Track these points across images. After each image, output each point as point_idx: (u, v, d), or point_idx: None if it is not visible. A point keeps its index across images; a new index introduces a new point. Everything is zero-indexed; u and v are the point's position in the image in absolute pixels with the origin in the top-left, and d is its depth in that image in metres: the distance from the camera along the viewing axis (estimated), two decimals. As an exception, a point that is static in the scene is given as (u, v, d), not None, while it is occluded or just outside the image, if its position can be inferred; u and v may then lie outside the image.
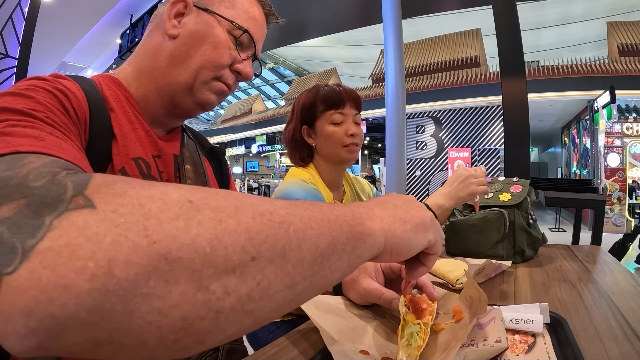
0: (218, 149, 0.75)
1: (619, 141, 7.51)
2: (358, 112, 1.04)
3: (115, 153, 0.50)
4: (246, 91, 20.62)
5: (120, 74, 0.58)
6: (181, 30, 0.55)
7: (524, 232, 0.99)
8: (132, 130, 0.54)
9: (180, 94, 0.56)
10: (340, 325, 0.48)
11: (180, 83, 0.55)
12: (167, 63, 0.55)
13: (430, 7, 4.82)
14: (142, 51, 0.58)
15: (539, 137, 13.77)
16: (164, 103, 0.57)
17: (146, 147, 0.55)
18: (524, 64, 2.30)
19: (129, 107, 0.55)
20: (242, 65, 0.59)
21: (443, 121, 9.32)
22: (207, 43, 0.55)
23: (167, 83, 0.56)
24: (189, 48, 0.55)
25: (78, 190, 0.23)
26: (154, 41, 0.57)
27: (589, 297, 0.69)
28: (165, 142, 0.59)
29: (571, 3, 8.91)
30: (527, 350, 0.44)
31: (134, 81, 0.57)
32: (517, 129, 2.26)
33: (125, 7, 7.07)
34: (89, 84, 0.52)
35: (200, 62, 0.55)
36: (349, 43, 12.46)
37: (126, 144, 0.52)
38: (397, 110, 3.16)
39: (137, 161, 0.52)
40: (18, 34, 4.94)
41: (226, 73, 0.57)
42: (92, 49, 8.31)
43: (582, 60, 8.25)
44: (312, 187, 0.96)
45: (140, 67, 0.57)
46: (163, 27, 0.56)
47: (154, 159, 0.56)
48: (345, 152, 1.02)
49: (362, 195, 1.17)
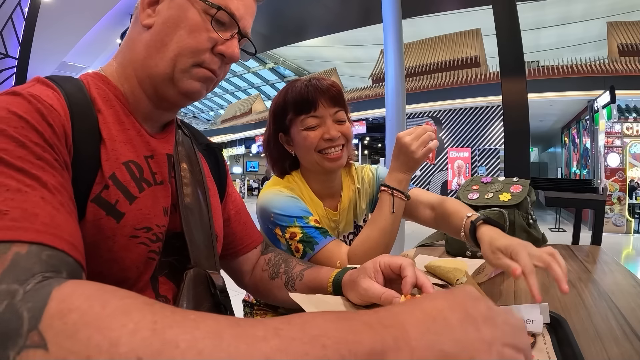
0: (214, 145, 0.73)
1: (619, 141, 7.50)
2: (339, 108, 0.88)
3: (104, 158, 0.48)
4: (246, 91, 20.62)
5: (107, 70, 0.56)
6: (155, 19, 0.53)
7: (524, 232, 0.99)
8: (122, 131, 0.52)
9: (162, 85, 0.54)
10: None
11: (159, 74, 0.53)
12: (144, 54, 0.53)
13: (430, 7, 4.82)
14: (124, 45, 0.56)
15: (539, 137, 13.78)
16: (149, 96, 0.55)
17: (137, 148, 0.53)
18: (524, 64, 2.30)
19: (118, 106, 0.53)
20: (225, 47, 0.54)
21: (443, 121, 9.32)
22: (181, 28, 0.52)
23: (147, 75, 0.54)
24: (164, 36, 0.52)
25: (33, 323, 0.24)
26: (133, 33, 0.55)
27: (589, 297, 0.69)
28: (159, 140, 0.57)
29: (571, 3, 8.91)
30: (527, 350, 0.44)
31: (120, 76, 0.55)
32: (517, 129, 2.26)
33: (125, 7, 7.06)
34: (76, 85, 0.50)
35: (177, 49, 0.52)
36: (349, 43, 12.46)
37: (115, 148, 0.50)
38: (397, 110, 3.16)
39: (128, 165, 0.50)
40: (18, 34, 4.94)
41: (207, 57, 0.54)
42: (92, 49, 8.31)
43: (582, 60, 8.25)
44: (289, 198, 0.85)
45: (122, 61, 0.55)
46: (139, 17, 0.53)
47: (147, 160, 0.54)
48: (322, 159, 0.86)
49: (361, 192, 1.01)
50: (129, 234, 0.48)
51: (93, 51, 8.46)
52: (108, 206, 0.46)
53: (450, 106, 9.12)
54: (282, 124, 0.90)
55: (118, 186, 0.48)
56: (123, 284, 0.48)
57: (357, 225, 0.99)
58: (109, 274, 0.47)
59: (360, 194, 1.00)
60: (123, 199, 0.48)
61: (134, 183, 0.50)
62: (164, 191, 0.54)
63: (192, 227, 0.57)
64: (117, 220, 0.47)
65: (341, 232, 0.97)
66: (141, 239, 0.49)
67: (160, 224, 0.52)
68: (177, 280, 0.55)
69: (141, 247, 0.49)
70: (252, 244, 0.74)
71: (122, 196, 0.48)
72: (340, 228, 0.96)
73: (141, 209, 0.49)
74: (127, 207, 0.48)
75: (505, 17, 2.35)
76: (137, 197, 0.49)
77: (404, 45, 3.34)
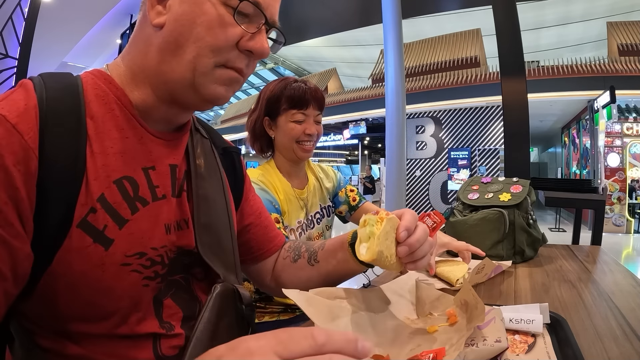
0: (232, 149, 0.66)
1: (619, 141, 7.50)
2: (320, 112, 1.08)
3: (92, 176, 0.42)
4: (246, 91, 20.62)
5: (113, 70, 0.50)
6: (167, 16, 0.46)
7: (524, 232, 0.99)
8: (120, 140, 0.46)
9: (182, 92, 0.48)
10: (332, 322, 0.48)
11: (177, 80, 0.47)
12: (158, 59, 0.47)
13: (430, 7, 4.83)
14: (132, 46, 0.50)
15: (539, 137, 13.77)
16: (166, 104, 0.50)
17: (135, 159, 0.47)
18: (524, 64, 2.30)
19: (119, 110, 0.47)
20: (253, 42, 0.47)
21: (443, 121, 9.32)
22: (197, 25, 0.45)
23: (162, 82, 0.48)
24: (178, 36, 0.45)
25: None
26: (143, 34, 0.48)
27: (589, 297, 0.69)
28: (168, 143, 0.51)
29: (571, 3, 8.91)
30: (527, 350, 0.44)
31: (129, 83, 0.49)
32: (517, 129, 2.26)
33: (125, 7, 7.06)
34: (67, 87, 0.45)
35: (195, 49, 0.45)
36: (349, 43, 12.46)
37: (107, 162, 0.44)
38: (397, 110, 3.16)
39: (120, 183, 0.44)
40: (18, 34, 4.94)
41: (232, 55, 0.47)
42: (92, 49, 8.31)
43: (582, 60, 8.24)
44: (259, 191, 0.96)
45: (132, 66, 0.49)
46: (148, 16, 0.47)
47: (146, 172, 0.48)
48: (299, 149, 1.05)
49: (327, 183, 1.20)
50: (120, 262, 0.43)
51: (93, 51, 8.45)
52: (95, 232, 0.42)
53: (450, 106, 9.11)
54: (271, 110, 1.05)
55: (107, 209, 0.43)
56: (115, 314, 0.44)
57: (321, 207, 1.17)
58: (100, 304, 0.43)
59: (322, 183, 1.19)
60: (112, 224, 0.43)
61: (126, 204, 0.45)
62: (167, 206, 0.49)
63: (210, 244, 0.53)
64: (106, 247, 0.42)
65: (309, 211, 1.12)
66: (133, 266, 0.44)
67: (159, 245, 0.47)
68: (185, 300, 0.51)
69: (133, 275, 0.44)
70: (273, 249, 0.70)
71: (111, 220, 0.43)
72: (308, 207, 1.12)
73: (133, 233, 0.44)
74: (116, 233, 0.43)
75: (505, 17, 2.35)
76: (129, 220, 0.44)
77: (404, 45, 3.34)
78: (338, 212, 1.23)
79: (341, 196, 1.22)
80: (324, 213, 1.17)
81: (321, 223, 1.14)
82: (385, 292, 0.59)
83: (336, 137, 13.43)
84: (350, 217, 1.23)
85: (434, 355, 0.41)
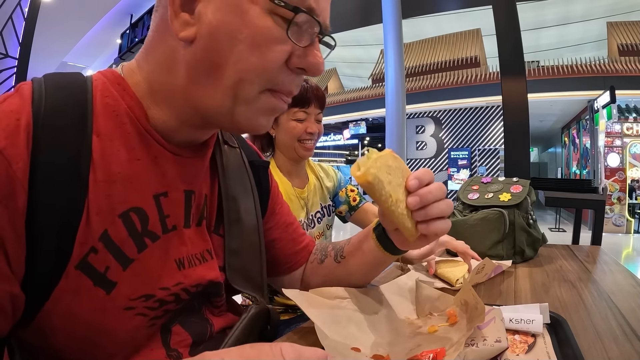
0: (260, 162, 0.59)
1: (619, 141, 7.50)
2: (321, 111, 1.09)
3: (94, 210, 0.36)
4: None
5: (129, 77, 0.42)
6: (197, 27, 0.36)
7: (524, 232, 0.99)
8: (129, 162, 0.39)
9: (216, 120, 0.41)
10: (333, 323, 0.48)
11: (212, 107, 0.39)
12: (187, 80, 0.39)
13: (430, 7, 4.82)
14: (150, 56, 0.41)
15: (539, 137, 13.77)
16: (192, 128, 0.43)
17: (147, 185, 0.40)
18: (524, 64, 2.30)
19: (130, 124, 0.40)
20: (307, 57, 0.39)
21: (443, 121, 9.32)
22: (240, 41, 0.36)
23: (192, 107, 0.40)
24: (214, 55, 0.37)
25: None
26: (165, 46, 0.39)
27: (589, 297, 0.69)
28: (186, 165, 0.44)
29: (571, 3, 8.90)
30: (527, 350, 0.44)
31: (146, 97, 0.41)
32: (517, 129, 2.26)
33: (125, 7, 7.07)
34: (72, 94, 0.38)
35: (237, 73, 0.37)
36: (349, 43, 12.45)
37: (113, 192, 0.37)
38: (397, 110, 3.16)
39: (127, 216, 0.38)
40: (18, 34, 4.94)
41: (281, 77, 0.39)
42: (92, 49, 8.31)
43: (582, 60, 8.24)
44: None
45: (151, 82, 0.41)
46: (171, 27, 0.37)
47: (157, 199, 0.41)
48: (300, 147, 1.06)
49: (327, 182, 1.19)
50: (123, 306, 0.38)
51: (93, 51, 8.46)
52: (96, 275, 0.36)
53: (450, 106, 9.11)
54: None
55: (110, 248, 0.37)
56: (117, 355, 0.39)
57: (322, 207, 1.17)
58: (101, 345, 0.38)
59: (322, 182, 1.19)
60: (115, 265, 0.37)
61: (132, 240, 0.39)
62: (177, 239, 0.43)
63: (239, 268, 0.50)
64: (107, 291, 0.37)
65: (309, 211, 1.11)
66: (138, 309, 0.39)
67: (172, 284, 0.41)
68: (194, 324, 0.45)
69: (138, 319, 0.39)
70: (301, 261, 0.64)
71: (114, 261, 0.37)
72: (309, 206, 1.11)
73: (138, 275, 0.39)
74: (119, 275, 0.37)
75: (505, 17, 2.35)
76: (134, 259, 0.39)
77: (404, 45, 3.34)
78: (338, 212, 1.23)
79: (341, 196, 1.22)
80: (324, 212, 1.17)
81: (322, 222, 1.14)
82: (385, 292, 0.59)
83: (336, 137, 13.44)
84: (350, 217, 1.23)
85: (434, 355, 0.41)
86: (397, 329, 0.51)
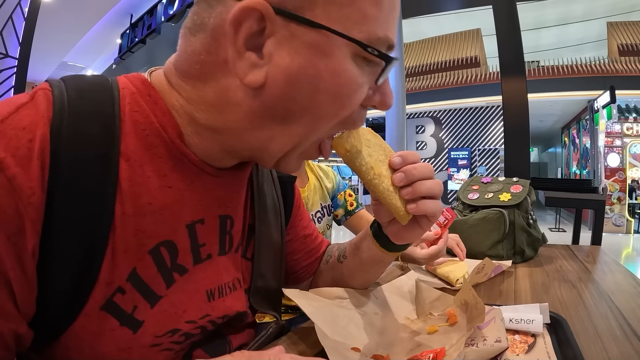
0: (287, 179, 0.56)
1: (619, 141, 7.50)
2: None
3: (121, 249, 0.32)
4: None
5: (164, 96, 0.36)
6: (266, 70, 0.31)
7: (524, 232, 0.99)
8: (160, 191, 0.35)
9: (264, 159, 0.38)
10: (333, 323, 0.48)
11: (272, 150, 0.36)
12: (248, 124, 0.34)
13: (430, 7, 4.82)
14: (195, 90, 0.35)
15: (539, 137, 13.76)
16: (235, 159, 0.40)
17: (179, 214, 0.37)
18: (524, 64, 2.30)
19: (163, 147, 0.35)
20: (380, 94, 0.36)
21: (443, 121, 9.32)
22: (321, 91, 0.32)
23: (246, 149, 0.37)
24: (290, 102, 0.32)
25: None
26: (217, 85, 0.34)
27: (589, 297, 0.69)
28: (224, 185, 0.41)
29: (571, 3, 8.90)
30: (527, 350, 0.44)
31: (186, 125, 0.36)
32: (517, 129, 2.26)
33: (125, 7, 7.06)
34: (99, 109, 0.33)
35: (313, 121, 0.34)
36: (349, 43, 12.44)
37: (142, 226, 0.34)
38: (397, 110, 3.16)
39: (157, 251, 0.35)
40: (18, 34, 4.94)
41: (353, 117, 0.36)
42: (92, 49, 8.31)
43: (582, 60, 8.24)
44: None
45: (197, 117, 0.36)
46: (232, 68, 0.32)
47: (191, 228, 0.38)
48: None
49: (327, 182, 1.20)
50: (149, 344, 0.35)
51: (93, 51, 8.46)
52: (122, 315, 0.33)
53: (450, 106, 9.11)
54: None
55: (138, 287, 0.34)
56: None
57: (322, 206, 1.17)
58: None
59: (322, 182, 1.19)
60: (143, 303, 0.35)
61: (162, 276, 0.36)
62: (211, 268, 0.41)
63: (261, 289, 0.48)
64: (134, 330, 0.34)
65: (309, 210, 1.11)
66: (164, 345, 0.37)
67: (197, 317, 0.39)
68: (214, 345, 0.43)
69: (164, 354, 0.37)
70: (312, 272, 0.63)
71: (142, 300, 0.34)
72: (309, 206, 1.11)
73: (165, 310, 0.36)
74: (147, 313, 0.35)
75: (505, 17, 2.35)
76: (162, 296, 0.36)
77: (404, 45, 3.34)
78: (334, 214, 1.23)
79: (340, 199, 1.22)
80: (324, 212, 1.17)
81: (322, 222, 1.15)
82: (385, 292, 0.59)
83: (336, 137, 13.42)
84: (345, 221, 1.24)
85: (434, 355, 0.41)
86: (397, 329, 0.51)
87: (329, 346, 0.41)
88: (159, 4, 6.25)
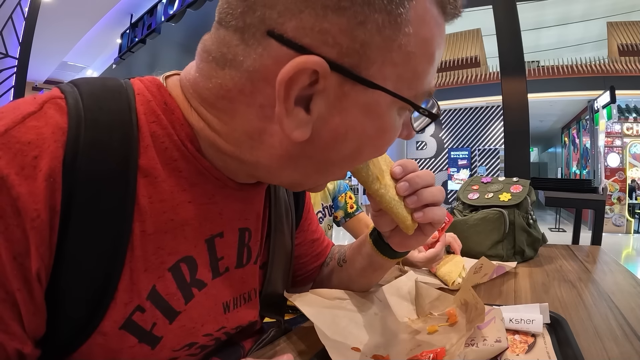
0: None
1: (619, 141, 7.50)
2: None
3: (141, 267, 0.31)
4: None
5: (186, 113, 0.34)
6: (314, 125, 0.30)
7: (524, 232, 0.99)
8: (181, 207, 0.34)
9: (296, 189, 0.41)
10: (333, 323, 0.48)
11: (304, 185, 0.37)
12: (283, 165, 0.33)
13: (430, 7, 4.83)
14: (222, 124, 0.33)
15: (539, 137, 13.76)
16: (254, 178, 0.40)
17: (200, 229, 0.36)
18: (524, 64, 2.30)
19: (183, 161, 0.34)
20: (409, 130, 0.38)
21: (443, 121, 9.32)
22: (365, 145, 0.33)
23: (271, 179, 0.37)
24: (330, 154, 0.32)
25: None
26: (254, 126, 0.32)
27: (589, 297, 0.69)
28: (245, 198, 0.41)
29: (571, 3, 8.90)
30: (527, 350, 0.44)
31: (208, 148, 0.35)
32: (517, 129, 2.26)
33: (125, 7, 7.06)
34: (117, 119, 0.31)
35: (349, 166, 0.36)
36: (349, 43, 12.44)
37: (163, 245, 0.33)
38: (397, 110, 3.15)
39: (177, 268, 0.34)
40: (18, 34, 4.94)
41: None
42: (92, 49, 8.31)
43: (582, 60, 8.24)
44: None
45: (221, 146, 0.34)
46: (280, 124, 0.30)
47: (210, 243, 0.38)
48: None
49: (328, 184, 1.20)
50: (167, 358, 0.36)
51: (93, 51, 8.46)
52: (142, 332, 0.33)
53: (450, 106, 9.11)
54: None
55: (158, 304, 0.34)
56: None
57: (323, 207, 1.18)
58: None
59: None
60: (162, 320, 0.34)
61: (181, 292, 0.35)
62: (229, 281, 0.41)
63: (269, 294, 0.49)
64: (152, 346, 0.34)
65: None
66: (181, 358, 0.37)
67: (213, 330, 0.39)
68: (228, 353, 0.44)
69: None
70: (315, 274, 0.63)
71: (161, 316, 0.34)
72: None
73: (184, 325, 0.36)
74: (165, 329, 0.35)
75: (505, 17, 2.35)
76: (181, 311, 0.36)
77: (404, 45, 3.33)
78: (334, 216, 1.24)
79: (340, 201, 1.23)
80: (325, 212, 1.18)
81: (323, 222, 1.15)
82: (385, 293, 0.59)
83: (336, 137, 13.43)
84: (344, 223, 1.25)
85: (434, 355, 0.41)
86: (397, 329, 0.51)
87: (329, 346, 0.41)
88: (159, 3, 6.25)
